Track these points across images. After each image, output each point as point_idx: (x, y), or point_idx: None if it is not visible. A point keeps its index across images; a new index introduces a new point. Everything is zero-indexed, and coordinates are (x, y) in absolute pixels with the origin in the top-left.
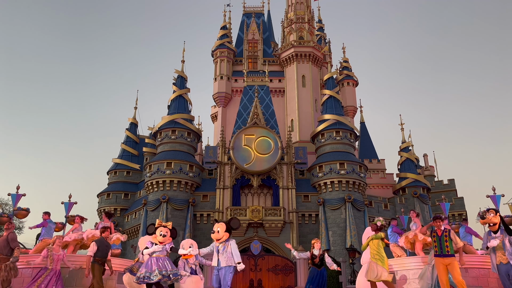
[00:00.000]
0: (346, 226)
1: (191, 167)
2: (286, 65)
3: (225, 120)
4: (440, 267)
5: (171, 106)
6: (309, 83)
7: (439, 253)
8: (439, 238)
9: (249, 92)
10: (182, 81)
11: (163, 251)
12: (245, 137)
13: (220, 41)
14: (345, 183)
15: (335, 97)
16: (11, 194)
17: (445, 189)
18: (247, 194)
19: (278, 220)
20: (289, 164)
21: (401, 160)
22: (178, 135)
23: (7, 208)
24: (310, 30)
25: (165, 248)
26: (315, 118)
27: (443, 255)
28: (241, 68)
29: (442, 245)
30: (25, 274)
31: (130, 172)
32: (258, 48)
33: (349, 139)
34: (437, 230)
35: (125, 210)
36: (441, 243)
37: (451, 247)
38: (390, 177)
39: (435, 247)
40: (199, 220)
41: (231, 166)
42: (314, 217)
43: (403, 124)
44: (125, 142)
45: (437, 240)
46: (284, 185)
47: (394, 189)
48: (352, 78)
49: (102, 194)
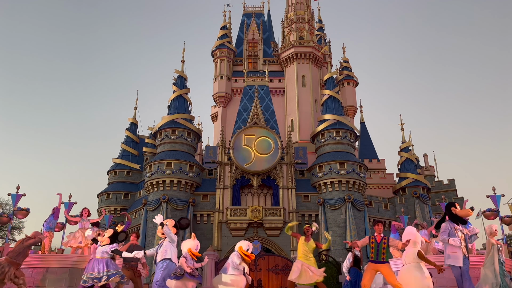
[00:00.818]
0: (346, 226)
1: (191, 167)
2: (286, 65)
3: (225, 120)
4: (369, 272)
5: (171, 106)
6: (309, 83)
7: (375, 259)
8: (377, 244)
9: (249, 92)
10: (182, 81)
11: (103, 253)
12: (245, 137)
13: (220, 41)
14: (345, 183)
15: (335, 97)
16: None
17: (445, 189)
18: (247, 194)
19: (278, 220)
20: (289, 164)
21: (401, 160)
22: (178, 135)
23: (7, 208)
24: (310, 30)
25: (105, 250)
26: (315, 118)
27: (378, 262)
28: (241, 68)
29: (379, 252)
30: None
31: (130, 172)
32: (258, 48)
33: (349, 139)
34: (377, 236)
35: (125, 210)
36: (379, 250)
37: (387, 254)
38: (390, 177)
39: (372, 253)
40: (199, 220)
41: (231, 166)
42: (314, 217)
43: (403, 124)
44: (125, 142)
45: (375, 247)
46: (284, 185)
47: (394, 189)
48: (352, 78)
49: (102, 194)
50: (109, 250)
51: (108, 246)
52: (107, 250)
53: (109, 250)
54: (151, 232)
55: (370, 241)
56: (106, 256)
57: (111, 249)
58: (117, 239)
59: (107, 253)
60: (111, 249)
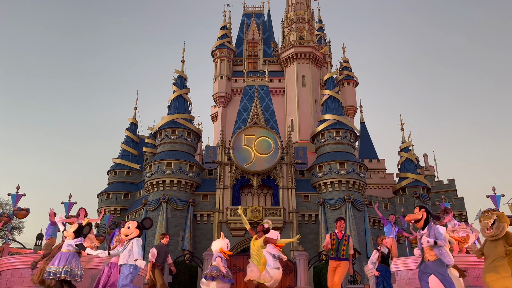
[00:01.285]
0: (346, 226)
1: (191, 167)
2: (286, 65)
3: (225, 120)
4: (332, 271)
5: (171, 106)
6: (309, 83)
7: (335, 255)
8: (338, 241)
9: (249, 92)
10: (182, 81)
11: (68, 247)
12: (245, 137)
13: (220, 41)
14: (345, 183)
15: (335, 97)
16: (11, 194)
17: (445, 189)
18: (247, 194)
19: (278, 220)
20: (289, 164)
21: (401, 160)
22: (178, 135)
23: (7, 208)
24: (310, 30)
25: (69, 244)
26: (315, 118)
27: (338, 258)
28: (241, 68)
29: (339, 249)
30: (25, 274)
31: (130, 172)
32: (258, 48)
33: (349, 139)
34: (338, 233)
35: (125, 210)
36: (339, 247)
37: (346, 251)
38: (390, 177)
39: (332, 250)
40: (199, 220)
41: (231, 166)
42: (314, 217)
43: (403, 124)
44: (125, 142)
45: (336, 244)
46: (284, 185)
47: (394, 189)
48: (352, 78)
49: (102, 194)
50: (73, 244)
51: (73, 240)
52: (71, 244)
53: (74, 244)
54: (151, 232)
55: (332, 237)
56: (72, 250)
57: (76, 243)
58: (82, 233)
59: (72, 246)
60: (75, 243)
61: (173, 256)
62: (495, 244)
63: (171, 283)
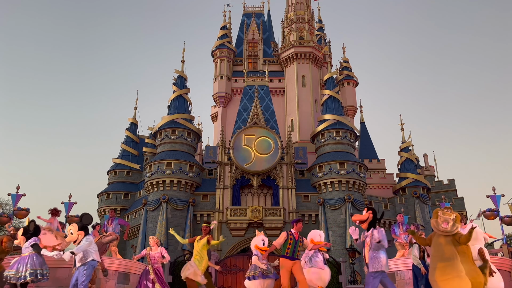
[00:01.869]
0: (346, 226)
1: (191, 167)
2: (286, 65)
3: (225, 120)
4: (286, 271)
5: (171, 106)
6: (309, 83)
7: (290, 255)
8: (295, 242)
9: (249, 92)
10: (182, 81)
11: (26, 249)
12: (245, 137)
13: (220, 41)
14: (345, 183)
15: (335, 97)
16: (11, 194)
17: (445, 189)
18: (247, 194)
19: (278, 220)
20: (289, 164)
21: (401, 160)
22: (178, 135)
23: (7, 208)
24: (310, 30)
25: (26, 247)
26: (315, 118)
27: (294, 258)
28: (241, 68)
29: (296, 250)
30: None
31: (130, 172)
32: (258, 48)
33: (349, 139)
34: (295, 234)
35: (125, 210)
36: (295, 247)
37: (299, 252)
38: (390, 177)
39: (288, 249)
40: (199, 220)
41: (231, 166)
42: (314, 217)
43: (403, 124)
44: (125, 142)
45: (292, 244)
46: (284, 185)
47: (394, 189)
48: (352, 78)
49: (102, 194)
50: (28, 245)
51: (27, 242)
52: (27, 246)
53: (29, 246)
54: (151, 232)
55: (289, 237)
56: (32, 251)
57: (30, 244)
58: (29, 232)
59: (29, 249)
60: (30, 244)
61: (173, 256)
62: (444, 241)
63: (171, 283)
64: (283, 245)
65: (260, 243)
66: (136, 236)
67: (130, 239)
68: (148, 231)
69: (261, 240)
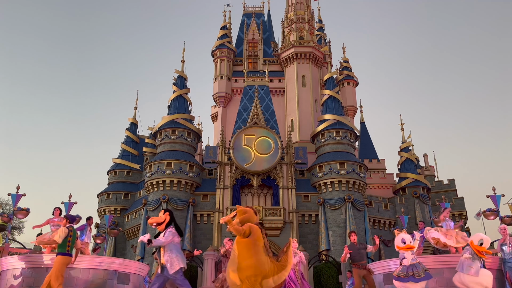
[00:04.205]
0: (346, 226)
1: (191, 167)
2: (286, 65)
3: (225, 120)
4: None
5: (171, 106)
6: (309, 83)
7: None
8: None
9: (249, 92)
10: (182, 81)
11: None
12: (245, 137)
13: (220, 41)
14: (345, 183)
15: (335, 97)
16: (11, 194)
17: (445, 189)
18: (247, 194)
19: (278, 220)
20: (289, 164)
21: (401, 160)
22: (178, 135)
23: (7, 208)
24: (310, 30)
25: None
26: (315, 118)
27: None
28: (241, 68)
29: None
30: (25, 275)
31: (130, 172)
32: (258, 48)
33: (349, 139)
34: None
35: (125, 210)
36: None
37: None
38: (390, 177)
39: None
40: (199, 220)
41: (231, 166)
42: (314, 217)
43: (403, 124)
44: (125, 142)
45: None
46: (284, 185)
47: (394, 189)
48: (352, 78)
49: (102, 194)
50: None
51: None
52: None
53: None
54: (151, 233)
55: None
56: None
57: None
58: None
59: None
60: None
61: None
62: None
63: None
64: None
65: (408, 240)
66: (136, 236)
67: (130, 239)
68: (148, 231)
69: (401, 239)
